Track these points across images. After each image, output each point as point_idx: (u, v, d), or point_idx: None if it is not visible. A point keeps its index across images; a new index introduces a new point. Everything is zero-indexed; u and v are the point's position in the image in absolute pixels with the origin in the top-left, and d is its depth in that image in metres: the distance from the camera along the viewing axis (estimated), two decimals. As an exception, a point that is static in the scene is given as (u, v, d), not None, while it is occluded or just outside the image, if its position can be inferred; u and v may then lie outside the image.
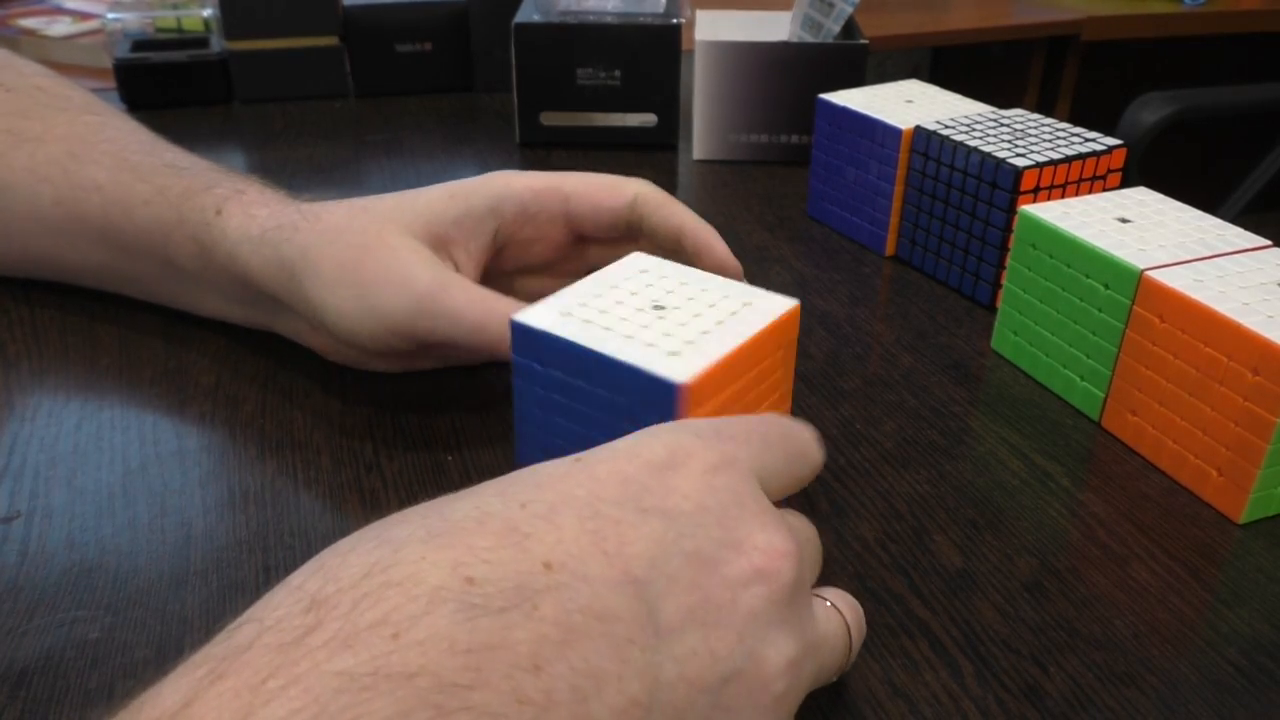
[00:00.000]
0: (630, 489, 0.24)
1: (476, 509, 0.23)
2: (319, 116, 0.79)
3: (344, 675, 0.19)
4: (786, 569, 0.25)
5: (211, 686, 0.18)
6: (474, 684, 0.19)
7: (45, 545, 0.36)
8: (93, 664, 0.31)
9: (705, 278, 0.36)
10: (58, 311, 0.50)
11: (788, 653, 0.25)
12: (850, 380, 0.47)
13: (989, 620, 0.34)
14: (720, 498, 0.25)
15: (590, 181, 0.42)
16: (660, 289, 0.35)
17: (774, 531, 0.25)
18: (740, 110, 0.70)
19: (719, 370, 0.31)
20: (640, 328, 0.32)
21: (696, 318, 0.33)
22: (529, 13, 0.71)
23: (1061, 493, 0.40)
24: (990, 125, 0.55)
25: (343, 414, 0.43)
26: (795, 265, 0.58)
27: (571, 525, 0.23)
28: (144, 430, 0.42)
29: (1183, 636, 0.33)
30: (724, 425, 0.28)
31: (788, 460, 0.29)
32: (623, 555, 0.23)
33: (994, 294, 0.52)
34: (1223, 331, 0.37)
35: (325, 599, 0.20)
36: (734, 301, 0.34)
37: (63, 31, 0.94)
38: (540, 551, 0.22)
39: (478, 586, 0.21)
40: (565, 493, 0.24)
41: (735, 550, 0.24)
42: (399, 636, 0.19)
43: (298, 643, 0.19)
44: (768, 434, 0.28)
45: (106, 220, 0.46)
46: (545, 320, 0.33)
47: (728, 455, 0.26)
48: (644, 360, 0.31)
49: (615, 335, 0.32)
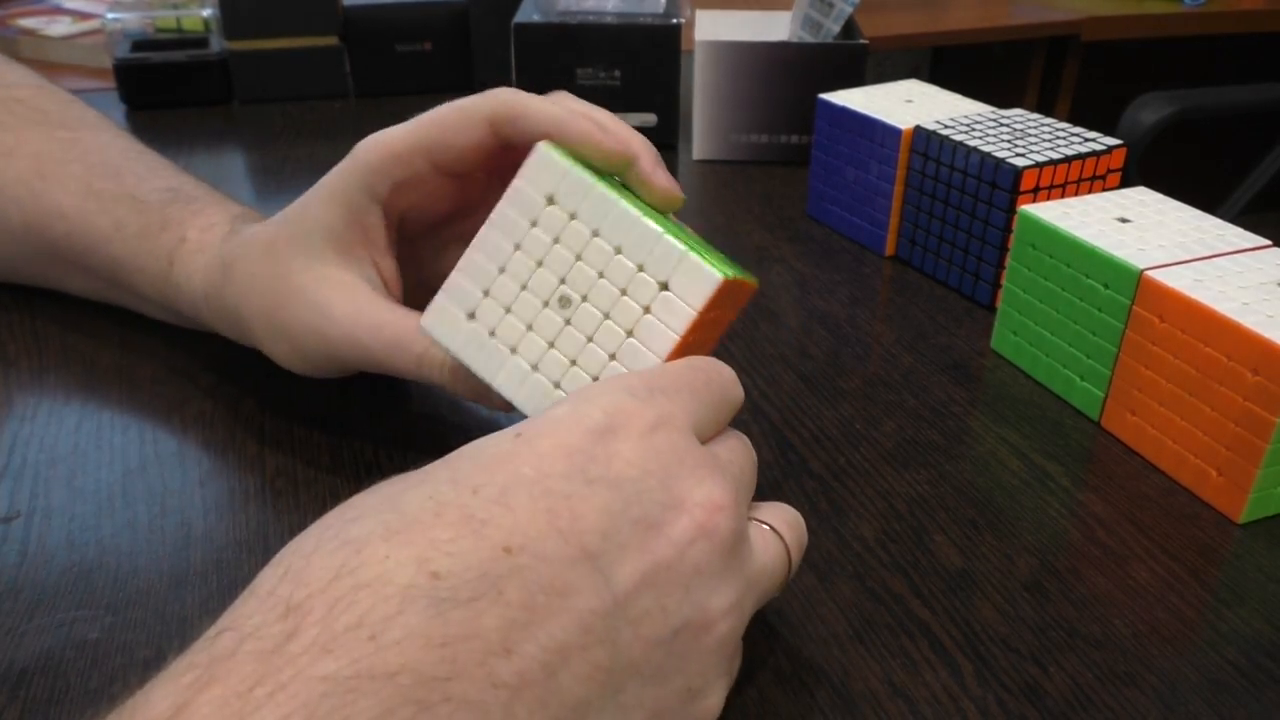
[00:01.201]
0: (576, 460, 0.25)
1: (431, 499, 0.23)
2: (319, 116, 0.79)
3: (328, 679, 0.19)
4: (724, 521, 0.26)
5: (201, 693, 0.19)
6: (451, 675, 0.20)
7: (45, 545, 0.36)
8: (93, 664, 0.31)
9: (617, 215, 0.31)
10: (58, 311, 0.50)
11: (730, 597, 0.26)
12: (850, 380, 0.47)
13: (989, 620, 0.34)
14: (661, 458, 0.26)
15: (443, 123, 0.37)
16: (568, 253, 0.31)
17: (711, 484, 0.26)
18: (740, 110, 0.70)
19: None
20: (542, 343, 0.32)
21: (605, 321, 0.31)
22: (529, 13, 0.71)
23: (1061, 493, 0.40)
24: (990, 125, 0.55)
25: (343, 414, 0.43)
26: (795, 265, 0.58)
27: (525, 506, 0.24)
28: (144, 430, 0.42)
29: (1182, 636, 0.33)
30: (656, 379, 0.28)
31: (715, 406, 0.29)
32: (576, 530, 0.24)
33: (994, 294, 0.52)
34: (1223, 331, 0.37)
35: (299, 604, 0.21)
36: (652, 275, 0.30)
37: (62, 31, 0.94)
38: (498, 537, 0.23)
39: (444, 580, 0.21)
40: (514, 473, 0.24)
41: (677, 510, 0.25)
42: (376, 638, 0.20)
43: (279, 650, 0.20)
44: (694, 383, 0.29)
45: (72, 249, 0.46)
46: (446, 335, 0.33)
47: (664, 414, 0.27)
48: (533, 407, 0.32)
49: (509, 363, 0.32)
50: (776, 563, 0.29)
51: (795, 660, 0.32)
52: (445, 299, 0.33)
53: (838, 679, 0.31)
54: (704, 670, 0.26)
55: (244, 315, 0.39)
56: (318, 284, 0.37)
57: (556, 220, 0.31)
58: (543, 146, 0.32)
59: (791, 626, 0.33)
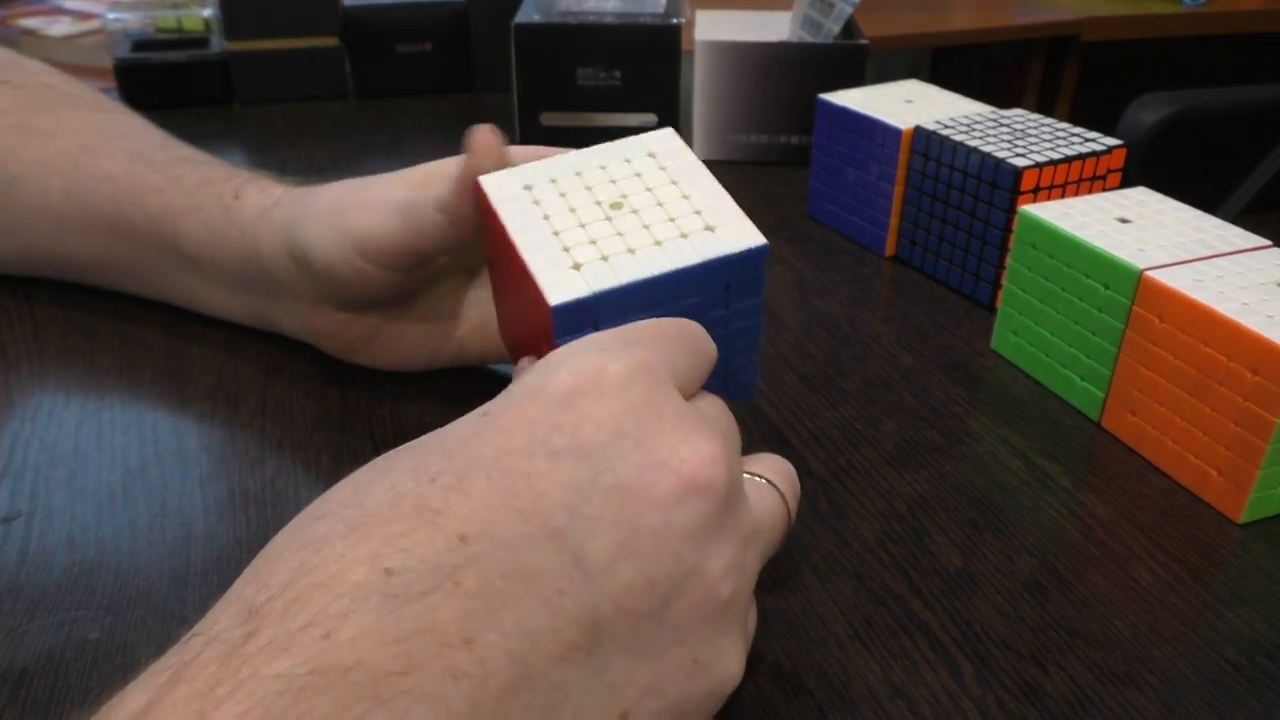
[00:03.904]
0: (538, 432, 0.24)
1: (390, 490, 0.23)
2: (319, 117, 0.79)
3: (282, 677, 0.19)
4: (718, 475, 0.24)
5: (169, 693, 0.19)
6: (407, 669, 0.20)
7: (45, 545, 0.36)
8: (93, 664, 0.31)
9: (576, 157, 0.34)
10: (58, 311, 0.50)
11: (728, 556, 0.25)
12: (850, 380, 0.47)
13: (989, 620, 0.34)
14: (637, 415, 0.24)
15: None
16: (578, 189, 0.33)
17: (700, 437, 0.24)
18: (740, 110, 0.70)
19: None
20: (644, 232, 0.31)
21: (652, 191, 0.32)
22: (529, 13, 0.71)
23: (1061, 493, 0.40)
24: (990, 125, 0.55)
25: (343, 414, 0.43)
26: (795, 265, 0.58)
27: (481, 490, 0.23)
28: (144, 430, 0.42)
29: (1182, 636, 0.33)
30: (627, 332, 0.27)
31: (692, 356, 0.28)
32: (539, 509, 0.23)
33: (994, 294, 0.52)
34: (1223, 331, 0.37)
35: (259, 607, 0.21)
36: (636, 155, 0.33)
37: (63, 31, 0.94)
38: (453, 526, 0.22)
39: (397, 575, 0.21)
40: (473, 455, 0.23)
41: (660, 470, 0.24)
42: (329, 636, 0.20)
43: (236, 651, 0.20)
44: (669, 334, 0.28)
45: (116, 209, 0.46)
46: (580, 286, 0.30)
47: (639, 362, 0.25)
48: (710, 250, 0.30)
49: (646, 252, 0.30)
50: (776, 514, 0.28)
51: (795, 660, 0.32)
52: (546, 275, 0.31)
53: (838, 679, 0.31)
54: (710, 638, 0.25)
55: (308, 206, 0.40)
56: (395, 179, 0.39)
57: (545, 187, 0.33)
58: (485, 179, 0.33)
59: (791, 626, 0.33)
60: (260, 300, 0.45)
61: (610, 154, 0.34)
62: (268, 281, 0.43)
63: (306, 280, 0.41)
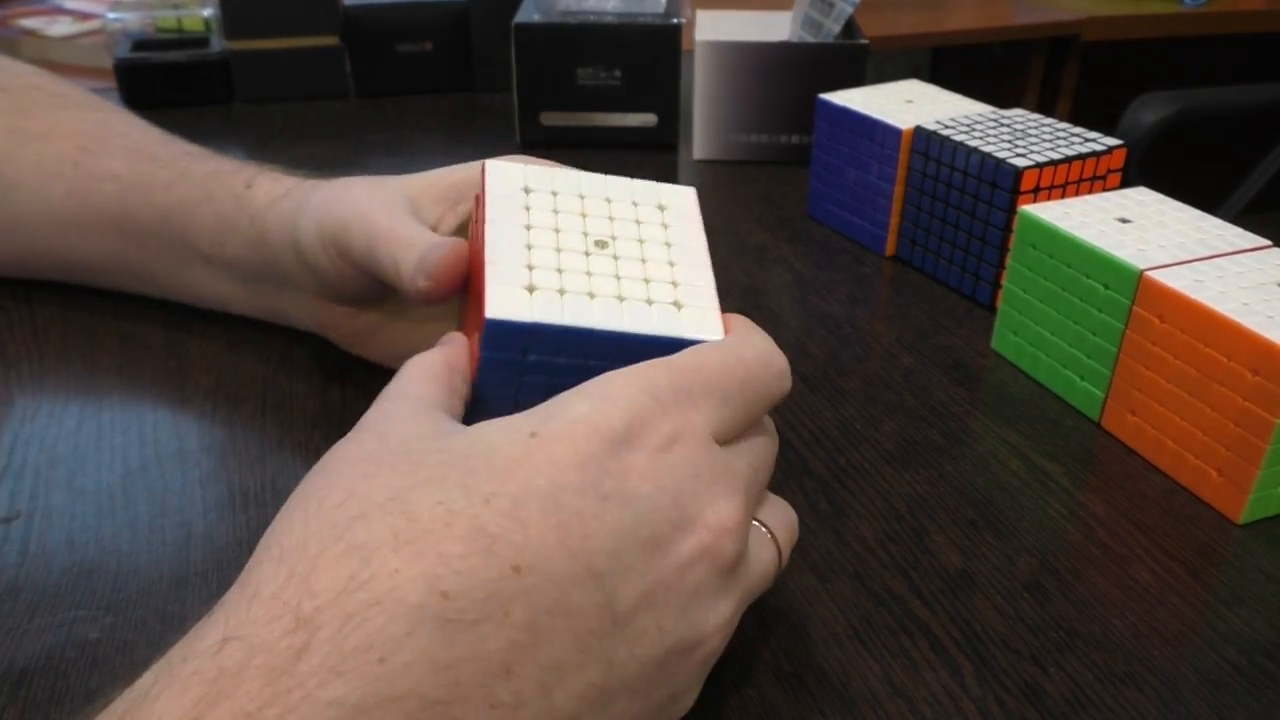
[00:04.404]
0: (589, 473, 0.24)
1: (440, 505, 0.23)
2: (319, 116, 0.79)
3: (335, 704, 0.19)
4: (730, 544, 0.26)
5: (210, 710, 0.19)
6: (452, 699, 0.21)
7: (45, 545, 0.36)
8: (93, 664, 0.31)
9: (587, 179, 0.33)
10: (58, 311, 0.50)
11: (725, 614, 0.26)
12: (850, 380, 0.47)
13: (989, 620, 0.34)
14: (676, 474, 0.25)
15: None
16: (571, 212, 0.32)
17: (724, 503, 0.26)
18: (740, 110, 0.70)
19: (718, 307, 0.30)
20: (613, 281, 0.30)
21: (643, 244, 0.32)
22: (529, 13, 0.71)
23: (1061, 493, 0.40)
24: (990, 125, 0.55)
25: (343, 415, 0.43)
26: (795, 265, 0.58)
27: (537, 523, 0.23)
28: (144, 430, 0.42)
29: (1182, 636, 0.33)
30: (683, 381, 0.27)
31: (748, 406, 0.28)
32: (586, 551, 0.23)
33: (994, 294, 0.52)
34: (1223, 331, 0.37)
35: (308, 618, 0.21)
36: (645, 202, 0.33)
37: (63, 31, 0.94)
38: (509, 554, 0.22)
39: (453, 600, 0.21)
40: (527, 483, 0.24)
41: (686, 530, 0.25)
42: (385, 660, 0.20)
43: (289, 670, 0.20)
44: (727, 384, 0.27)
45: (123, 207, 0.46)
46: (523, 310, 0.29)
47: (684, 425, 0.26)
48: (665, 328, 0.29)
49: (603, 303, 0.29)
50: (769, 567, 0.29)
51: (795, 660, 0.32)
52: (496, 286, 0.30)
53: (838, 679, 0.31)
54: (688, 680, 0.26)
55: (312, 199, 0.40)
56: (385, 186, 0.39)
57: (543, 197, 0.32)
58: (492, 163, 0.33)
59: (791, 626, 0.33)
60: (268, 291, 0.45)
61: (622, 189, 0.33)
62: (275, 271, 0.43)
63: (305, 271, 0.41)
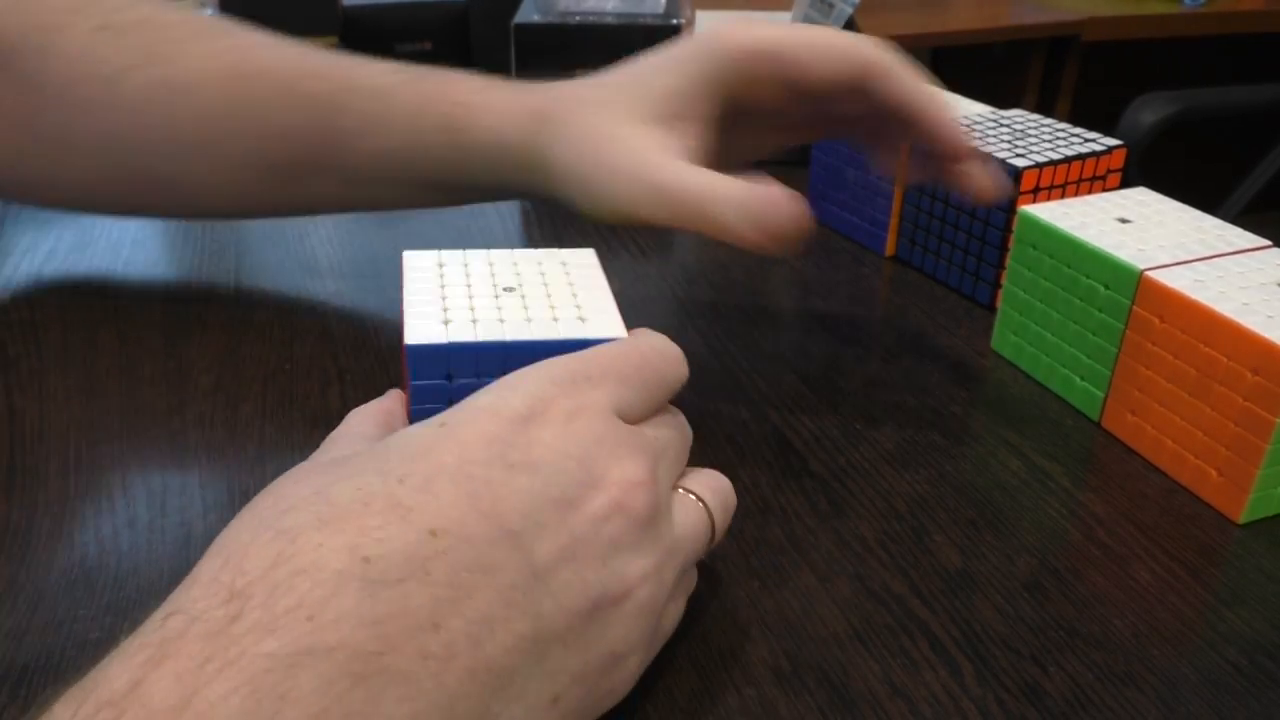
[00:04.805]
0: (495, 448, 0.26)
1: (359, 490, 0.25)
2: (319, 116, 0.78)
3: (271, 656, 0.21)
4: (640, 496, 0.27)
5: (154, 669, 0.20)
6: (384, 650, 0.22)
7: (45, 545, 0.36)
8: (93, 664, 0.31)
9: (496, 253, 0.37)
10: (58, 311, 0.50)
11: (646, 565, 0.27)
12: (850, 380, 0.47)
13: (989, 620, 0.34)
14: (580, 442, 0.27)
15: (812, 48, 0.40)
16: (483, 273, 0.36)
17: (630, 463, 0.28)
18: (740, 110, 0.70)
19: None
20: (522, 311, 0.33)
21: (548, 287, 0.35)
22: (529, 13, 0.71)
23: (1061, 493, 0.40)
24: (990, 125, 0.55)
25: (343, 413, 0.43)
26: (795, 265, 0.58)
27: (449, 492, 0.25)
28: (143, 430, 0.42)
29: (1182, 636, 0.33)
30: (581, 366, 0.29)
31: (644, 389, 0.30)
32: (498, 512, 0.25)
33: (994, 294, 0.52)
34: (1223, 331, 0.37)
35: (240, 590, 0.22)
36: (549, 260, 0.37)
37: (63, 31, 0.93)
38: (424, 521, 0.24)
39: (374, 564, 0.23)
40: (437, 462, 0.26)
41: (594, 488, 0.27)
42: (314, 618, 0.22)
43: (224, 630, 0.21)
44: (623, 370, 0.30)
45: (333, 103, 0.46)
46: (439, 334, 0.32)
47: (583, 403, 0.28)
48: (571, 332, 0.32)
49: (514, 324, 0.33)
50: (697, 528, 0.30)
51: (795, 660, 0.32)
52: (414, 320, 0.33)
53: (838, 679, 0.31)
54: (626, 635, 0.27)
55: (552, 160, 0.41)
56: (640, 140, 0.40)
57: (456, 267, 0.36)
58: (408, 253, 0.37)
59: (791, 626, 0.33)
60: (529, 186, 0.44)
61: (529, 256, 0.37)
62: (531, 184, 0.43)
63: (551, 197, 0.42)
